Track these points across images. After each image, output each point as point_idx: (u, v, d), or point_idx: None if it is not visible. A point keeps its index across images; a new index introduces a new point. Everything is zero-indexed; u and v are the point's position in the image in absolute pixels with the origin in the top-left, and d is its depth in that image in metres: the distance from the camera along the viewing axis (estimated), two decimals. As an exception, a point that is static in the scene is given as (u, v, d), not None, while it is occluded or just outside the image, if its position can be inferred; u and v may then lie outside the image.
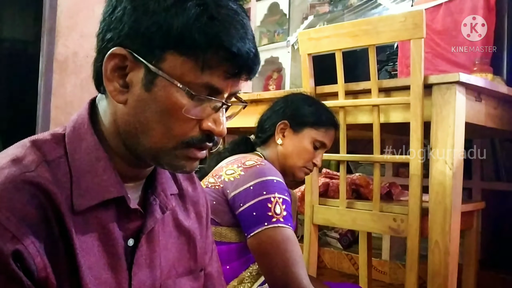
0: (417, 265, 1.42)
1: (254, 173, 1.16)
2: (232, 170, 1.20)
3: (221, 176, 1.20)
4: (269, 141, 1.37)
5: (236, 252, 1.19)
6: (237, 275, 1.20)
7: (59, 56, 3.32)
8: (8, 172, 0.57)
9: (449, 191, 1.36)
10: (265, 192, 1.13)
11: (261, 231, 1.10)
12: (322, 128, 1.34)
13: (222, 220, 1.18)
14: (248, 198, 1.13)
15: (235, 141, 1.42)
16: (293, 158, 1.33)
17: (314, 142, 1.33)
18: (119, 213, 0.65)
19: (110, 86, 0.62)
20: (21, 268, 0.54)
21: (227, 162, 1.27)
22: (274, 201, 1.12)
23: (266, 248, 1.09)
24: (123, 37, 0.61)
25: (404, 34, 1.44)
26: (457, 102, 1.36)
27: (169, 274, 0.72)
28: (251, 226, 1.11)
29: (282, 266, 1.07)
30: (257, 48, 0.65)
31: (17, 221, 0.54)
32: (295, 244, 1.11)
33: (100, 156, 0.64)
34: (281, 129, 1.34)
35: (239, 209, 1.14)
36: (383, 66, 2.26)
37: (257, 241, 1.10)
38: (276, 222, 1.10)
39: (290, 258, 1.08)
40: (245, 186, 1.14)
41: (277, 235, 1.09)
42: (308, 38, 1.68)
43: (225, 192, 1.17)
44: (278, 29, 3.83)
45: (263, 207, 1.11)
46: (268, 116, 1.39)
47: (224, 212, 1.17)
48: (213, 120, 0.64)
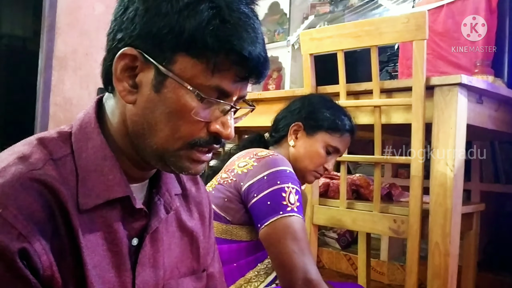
0: (417, 267, 1.42)
1: (267, 163, 1.15)
2: (244, 162, 1.19)
3: (234, 170, 1.19)
4: (282, 141, 1.35)
5: (245, 250, 1.18)
6: (243, 274, 1.19)
7: (58, 53, 3.31)
8: (15, 169, 0.57)
9: (449, 193, 1.36)
10: (279, 181, 1.12)
11: (276, 219, 1.09)
12: (337, 133, 1.31)
13: (234, 218, 1.17)
14: (262, 188, 1.12)
15: (249, 138, 1.41)
16: (304, 161, 1.30)
17: (327, 147, 1.30)
18: (124, 212, 0.65)
19: (119, 86, 0.62)
20: (27, 266, 0.54)
21: (238, 156, 1.26)
22: (288, 190, 1.11)
23: (283, 236, 1.08)
24: (134, 38, 0.61)
25: (407, 35, 1.44)
26: (459, 104, 1.36)
27: (172, 274, 0.72)
28: (265, 215, 1.10)
29: (300, 253, 1.06)
30: (266, 51, 0.65)
31: (23, 219, 0.54)
32: (307, 236, 1.11)
33: (106, 155, 0.64)
34: (294, 131, 1.32)
35: (253, 200, 1.13)
36: (383, 67, 2.27)
37: (272, 230, 1.09)
38: (291, 211, 1.09)
39: (305, 248, 1.08)
40: (259, 177, 1.14)
41: (293, 223, 1.09)
42: (310, 38, 1.68)
43: (238, 186, 1.16)
44: (278, 29, 3.83)
45: (277, 196, 1.10)
46: (284, 115, 1.37)
47: (236, 209, 1.16)
48: (221, 123, 0.64)
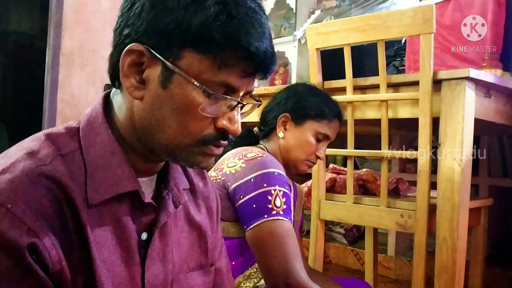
0: (424, 261, 1.41)
1: (255, 165, 1.16)
2: (233, 162, 1.19)
3: (223, 169, 1.20)
4: (272, 134, 1.35)
5: (239, 247, 1.19)
6: (242, 271, 1.20)
7: (65, 49, 3.32)
8: (23, 165, 0.57)
9: (457, 188, 1.35)
10: (265, 184, 1.12)
11: (261, 223, 1.09)
12: (325, 120, 1.31)
13: (224, 215, 1.16)
14: (248, 191, 1.12)
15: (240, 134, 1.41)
16: (295, 152, 1.30)
17: (317, 135, 1.30)
18: (133, 207, 0.65)
19: (126, 82, 0.62)
20: (37, 261, 0.54)
21: (227, 156, 1.26)
22: (274, 193, 1.11)
23: (265, 241, 1.09)
24: (140, 33, 0.61)
25: (414, 29, 1.43)
26: (467, 98, 1.35)
27: (181, 269, 0.73)
28: (250, 218, 1.11)
29: (281, 259, 1.07)
30: (274, 47, 0.65)
31: (32, 214, 0.54)
32: (294, 238, 1.11)
33: (114, 150, 0.64)
34: (282, 122, 1.32)
35: (239, 202, 1.13)
36: (390, 61, 2.25)
37: (256, 233, 1.10)
38: (276, 214, 1.10)
39: (289, 251, 1.08)
40: (246, 179, 1.14)
41: (277, 227, 1.09)
42: (316, 33, 1.67)
43: (226, 185, 1.17)
44: (284, 24, 3.82)
45: (263, 199, 1.11)
46: (271, 108, 1.37)
47: (226, 207, 1.17)
48: (228, 118, 0.64)
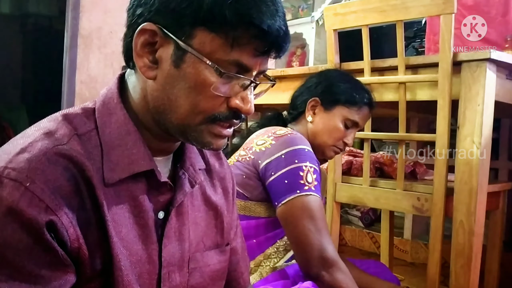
0: (440, 245, 1.41)
1: (285, 142, 1.16)
2: (263, 140, 1.20)
3: (252, 148, 1.20)
4: (300, 118, 1.34)
5: (264, 227, 1.19)
6: (263, 250, 1.21)
7: (83, 31, 3.34)
8: (41, 145, 0.58)
9: (475, 171, 1.34)
10: (296, 160, 1.12)
11: (293, 198, 1.09)
12: (355, 106, 1.29)
13: (252, 195, 1.18)
14: (279, 167, 1.12)
15: (268, 116, 1.41)
16: (323, 137, 1.29)
17: (345, 121, 1.29)
18: (149, 186, 0.66)
19: (140, 62, 0.63)
20: (55, 239, 0.56)
21: (257, 134, 1.26)
22: (306, 169, 1.11)
23: (299, 215, 1.08)
24: (153, 13, 0.61)
25: (434, 9, 1.40)
26: (487, 80, 1.33)
27: (197, 247, 0.74)
28: (282, 194, 1.11)
29: (316, 233, 1.07)
30: (287, 25, 0.64)
31: (51, 193, 0.55)
32: (324, 214, 1.12)
33: (129, 130, 0.65)
34: (311, 106, 1.31)
35: (270, 178, 1.13)
36: (410, 42, 2.21)
37: (289, 209, 1.10)
38: (308, 190, 1.10)
39: (323, 226, 1.08)
40: (277, 155, 1.14)
41: (310, 202, 1.09)
42: (334, 14, 1.65)
43: (256, 163, 1.17)
44: (302, 4, 3.77)
45: (295, 175, 1.11)
46: (301, 92, 1.36)
47: (254, 186, 1.17)
48: (241, 98, 0.64)
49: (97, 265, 0.60)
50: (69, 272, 0.57)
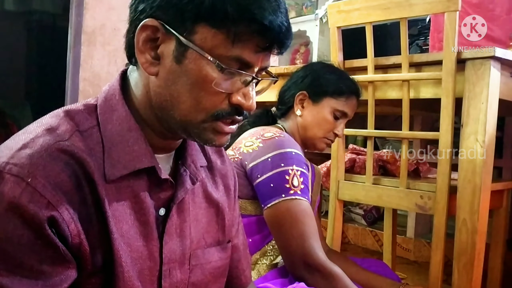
0: (443, 244, 1.40)
1: (273, 144, 1.16)
2: (251, 142, 1.20)
3: (240, 148, 1.20)
4: (289, 113, 1.35)
5: (256, 224, 1.19)
6: (259, 248, 1.21)
7: (87, 28, 3.34)
8: (43, 140, 0.58)
9: (479, 169, 1.33)
10: (283, 164, 1.12)
11: (278, 202, 1.10)
12: (342, 97, 1.30)
13: (242, 193, 1.17)
14: (265, 170, 1.13)
15: (256, 113, 1.41)
16: (313, 129, 1.30)
17: (334, 112, 1.30)
18: (151, 183, 0.66)
19: (141, 58, 0.63)
20: (56, 234, 0.56)
21: (245, 135, 1.26)
22: (292, 173, 1.11)
23: (283, 220, 1.09)
24: (155, 9, 0.61)
25: (438, 6, 1.39)
26: (491, 78, 1.32)
27: (198, 244, 0.74)
28: (268, 197, 1.12)
29: (299, 238, 1.07)
30: (289, 22, 0.64)
31: (52, 189, 0.55)
32: (312, 217, 1.11)
33: (131, 126, 0.65)
34: (299, 100, 1.31)
35: (257, 180, 1.14)
36: (414, 40, 2.20)
37: (274, 212, 1.10)
38: (293, 194, 1.10)
39: (307, 230, 1.08)
40: (263, 158, 1.14)
41: (295, 206, 1.09)
42: (337, 11, 1.64)
43: (243, 164, 1.18)
44: (306, 2, 3.76)
45: (280, 178, 1.11)
46: (288, 87, 1.36)
47: (244, 185, 1.17)
48: (243, 94, 0.64)
49: (98, 261, 0.60)
50: (70, 268, 0.57)
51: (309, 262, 1.06)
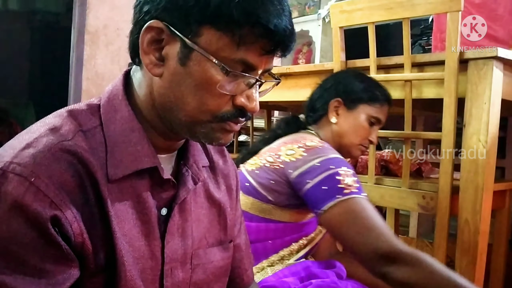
0: (445, 244, 1.40)
1: (317, 152, 1.13)
2: (292, 150, 1.17)
3: (281, 156, 1.18)
4: (322, 120, 1.32)
5: (282, 231, 1.19)
6: (277, 251, 1.20)
7: (90, 28, 3.35)
8: (46, 140, 0.59)
9: (481, 169, 1.33)
10: (332, 166, 1.09)
11: (334, 204, 1.05)
12: (377, 103, 1.29)
13: (277, 200, 1.16)
14: (315, 174, 1.10)
15: (286, 120, 1.38)
16: (349, 136, 1.29)
17: (370, 119, 1.29)
18: (153, 183, 0.67)
19: (146, 59, 0.63)
20: (59, 233, 0.56)
21: (284, 142, 1.23)
22: (343, 173, 1.08)
23: (342, 221, 1.04)
24: (160, 10, 0.61)
25: (441, 6, 1.39)
26: (494, 78, 1.32)
27: (200, 244, 0.74)
28: (322, 200, 1.07)
29: (367, 232, 1.00)
30: (293, 24, 0.64)
31: (55, 188, 0.56)
32: (374, 211, 1.05)
33: (134, 127, 0.65)
34: (334, 107, 1.29)
35: (307, 186, 1.10)
36: (416, 40, 2.20)
37: (332, 215, 1.05)
38: (349, 193, 1.05)
39: (375, 223, 1.01)
40: (311, 164, 1.11)
41: (353, 205, 1.04)
42: (340, 11, 1.64)
43: (287, 173, 1.15)
44: (309, 2, 3.76)
45: (333, 180, 1.07)
46: (319, 95, 1.34)
47: (282, 193, 1.15)
48: (247, 96, 0.64)
49: (100, 260, 0.60)
50: (73, 267, 0.58)
51: (388, 252, 0.96)
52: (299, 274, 1.15)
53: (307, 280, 1.14)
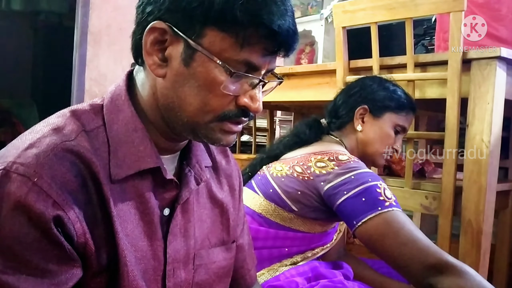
0: (448, 244, 1.40)
1: (349, 167, 1.11)
2: (323, 163, 1.14)
3: (310, 168, 1.15)
4: (346, 127, 1.29)
5: (300, 240, 1.18)
6: (291, 256, 1.19)
7: (93, 28, 3.36)
8: (49, 140, 0.59)
9: (484, 170, 1.33)
10: (370, 179, 1.07)
11: (375, 215, 1.03)
12: (403, 112, 1.26)
13: (301, 211, 1.14)
14: (352, 186, 1.07)
15: (308, 124, 1.33)
16: (375, 145, 1.26)
17: (396, 127, 1.26)
18: (156, 183, 0.66)
19: (149, 60, 0.63)
20: (62, 233, 0.56)
21: (313, 152, 1.20)
22: (382, 186, 1.07)
23: (385, 233, 1.01)
24: (163, 11, 0.61)
25: (444, 6, 1.39)
26: (497, 78, 1.32)
27: (202, 244, 0.74)
28: (361, 212, 1.04)
29: (411, 244, 0.98)
30: (296, 25, 0.64)
31: (58, 188, 0.56)
32: (414, 225, 1.04)
33: (137, 127, 0.65)
34: (360, 115, 1.27)
35: (342, 198, 1.07)
36: (419, 40, 2.19)
37: (372, 227, 1.03)
38: (389, 206, 1.04)
39: (417, 234, 1.00)
40: (345, 177, 1.09)
41: (395, 217, 1.02)
42: (343, 11, 1.64)
43: (317, 185, 1.12)
44: (311, 2, 3.76)
45: (372, 192, 1.05)
46: (344, 100, 1.31)
47: (307, 205, 1.14)
48: (250, 96, 0.64)
49: (103, 260, 0.60)
50: (75, 267, 0.58)
51: (435, 263, 0.95)
52: (306, 274, 1.15)
53: (315, 280, 1.14)
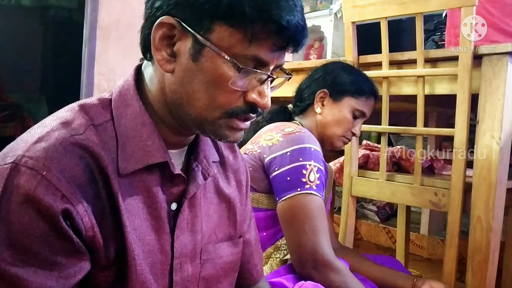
0: (457, 241, 1.39)
1: (293, 139, 1.16)
2: (271, 136, 1.21)
3: (259, 142, 1.21)
4: (308, 110, 1.36)
5: (272, 218, 1.20)
6: (273, 242, 1.22)
7: (102, 23, 3.36)
8: (58, 134, 0.59)
9: (495, 166, 1.31)
10: (301, 158, 1.13)
11: (293, 196, 1.10)
12: (362, 97, 1.32)
13: (259, 187, 1.19)
14: (283, 163, 1.14)
15: (273, 110, 1.42)
16: (332, 127, 1.32)
17: (354, 111, 1.31)
18: (163, 177, 0.67)
19: (157, 55, 0.63)
20: (70, 226, 0.56)
21: (266, 130, 1.27)
22: (309, 168, 1.12)
23: (296, 213, 1.10)
24: (172, 6, 0.61)
25: (455, 1, 1.37)
26: (508, 74, 1.30)
27: (209, 239, 0.74)
28: (283, 190, 1.12)
29: (310, 233, 1.08)
30: (305, 20, 0.64)
31: (66, 182, 0.56)
32: (324, 214, 1.12)
33: (145, 121, 0.65)
34: (320, 98, 1.33)
35: (274, 173, 1.15)
36: (429, 35, 2.17)
37: (287, 206, 1.11)
38: (309, 189, 1.11)
39: (319, 226, 1.09)
40: (282, 152, 1.15)
41: (309, 201, 1.10)
42: (352, 6, 1.63)
43: (262, 157, 1.19)
44: (320, -3, 3.74)
45: (297, 172, 1.12)
46: (307, 85, 1.38)
47: (261, 179, 1.18)
48: (258, 92, 0.64)
49: (111, 253, 0.61)
50: (84, 260, 0.58)
51: (319, 257, 1.06)
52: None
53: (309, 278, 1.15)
